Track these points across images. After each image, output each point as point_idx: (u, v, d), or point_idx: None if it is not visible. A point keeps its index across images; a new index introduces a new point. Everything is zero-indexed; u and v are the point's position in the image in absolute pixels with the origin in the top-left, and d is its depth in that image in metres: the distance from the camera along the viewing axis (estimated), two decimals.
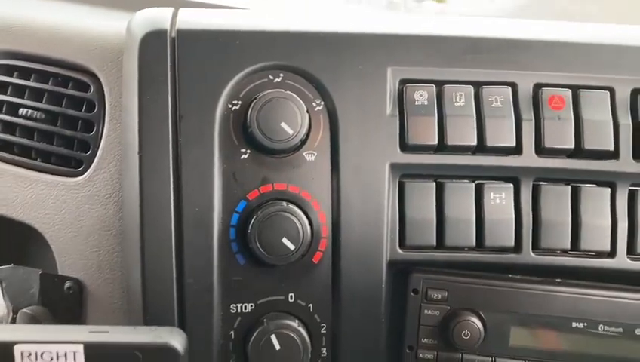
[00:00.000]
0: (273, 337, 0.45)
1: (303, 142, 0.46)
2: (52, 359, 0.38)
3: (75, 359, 0.38)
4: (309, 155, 0.47)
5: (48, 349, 0.38)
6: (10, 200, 0.52)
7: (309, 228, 0.45)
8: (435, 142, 0.47)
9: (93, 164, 0.51)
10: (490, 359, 0.49)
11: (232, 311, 0.46)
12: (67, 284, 0.50)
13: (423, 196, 0.47)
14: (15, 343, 0.38)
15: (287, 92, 0.45)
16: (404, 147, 0.47)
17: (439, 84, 0.47)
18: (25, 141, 0.53)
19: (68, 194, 0.51)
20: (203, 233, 0.45)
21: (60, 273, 0.51)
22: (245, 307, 0.46)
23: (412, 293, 0.49)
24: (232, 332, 0.46)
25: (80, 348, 0.38)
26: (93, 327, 0.40)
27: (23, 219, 0.52)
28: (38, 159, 0.53)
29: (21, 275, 0.51)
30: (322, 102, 0.47)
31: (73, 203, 0.51)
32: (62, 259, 0.51)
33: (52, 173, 0.52)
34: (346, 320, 0.47)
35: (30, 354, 0.38)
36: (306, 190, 0.46)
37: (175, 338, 0.40)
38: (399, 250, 0.47)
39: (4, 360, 0.38)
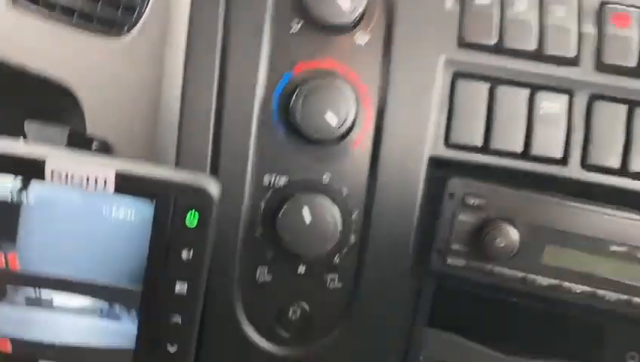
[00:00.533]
0: (305, 209, 0.43)
1: (357, 22, 0.45)
2: (82, 182, 0.37)
3: (105, 185, 0.37)
4: (361, 37, 0.45)
5: (79, 172, 0.37)
6: (48, 56, 0.51)
7: (354, 106, 0.44)
8: (493, 42, 0.45)
9: (137, 27, 0.49)
10: (521, 274, 0.47)
11: (264, 182, 0.45)
12: (95, 145, 0.49)
13: (474, 95, 0.45)
14: (47, 160, 0.37)
15: None
16: (462, 44, 0.45)
17: None
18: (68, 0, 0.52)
19: (107, 55, 0.50)
20: (245, 100, 0.44)
21: (88, 133, 0.50)
22: (279, 180, 0.45)
23: (448, 197, 0.47)
24: (263, 203, 0.45)
25: (112, 175, 0.37)
26: (127, 160, 0.38)
27: (59, 76, 0.50)
28: (81, 20, 0.51)
29: (49, 132, 0.49)
30: None
31: (112, 64, 0.49)
32: (92, 120, 0.50)
33: (93, 34, 0.50)
34: (379, 210, 0.45)
35: (61, 175, 0.37)
36: (354, 71, 0.45)
37: (212, 186, 0.38)
38: (443, 147, 0.46)
39: (36, 176, 0.37)
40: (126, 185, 0.37)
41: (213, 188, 0.38)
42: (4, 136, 0.39)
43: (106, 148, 0.50)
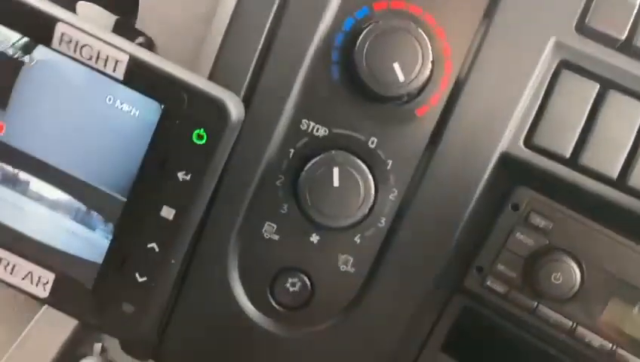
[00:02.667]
0: (336, 170, 0.36)
1: None
2: (91, 57, 0.32)
3: (114, 69, 0.31)
4: None
5: (91, 44, 0.31)
6: None
7: (429, 67, 0.36)
8: (622, 37, 0.36)
9: None
10: (570, 324, 0.38)
11: (301, 126, 0.38)
12: (139, 39, 0.44)
13: (578, 94, 0.37)
14: (59, 21, 0.31)
15: None
16: (581, 28, 0.37)
17: None
18: None
19: None
20: (305, 26, 0.37)
21: (136, 27, 0.45)
22: (318, 129, 0.38)
23: (510, 208, 0.39)
24: (292, 150, 0.38)
25: (125, 58, 0.31)
26: (151, 53, 0.33)
27: None
28: None
29: (96, 12, 0.45)
30: None
31: None
32: (144, 15, 0.44)
33: None
34: (423, 199, 0.38)
35: (70, 41, 0.31)
36: (442, 26, 0.37)
37: (233, 104, 0.32)
38: (521, 145, 0.37)
39: (44, 37, 0.32)
40: (137, 76, 0.31)
41: (234, 108, 0.32)
42: None
43: (149, 46, 0.44)
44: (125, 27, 0.45)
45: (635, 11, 0.36)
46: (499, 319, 0.40)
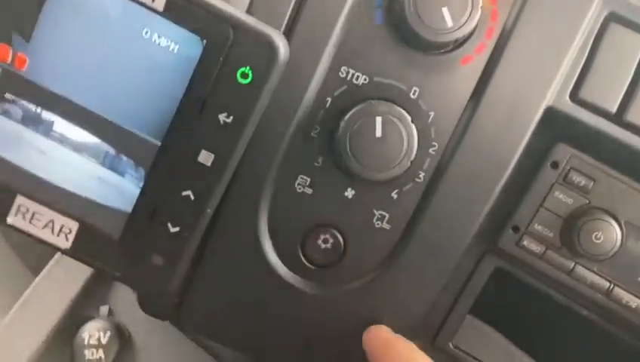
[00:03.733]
0: (379, 120, 0.34)
1: None
2: None
3: None
4: None
5: None
6: None
7: (478, 13, 0.34)
8: None
9: None
10: (609, 285, 0.38)
11: (340, 74, 0.36)
12: None
13: (625, 48, 0.36)
14: None
15: None
16: None
17: None
18: None
19: None
20: None
21: None
22: (357, 77, 0.36)
23: (550, 166, 0.38)
24: (330, 98, 0.36)
25: None
26: None
27: None
28: None
29: None
30: None
31: None
32: None
33: None
34: (464, 153, 0.36)
35: None
36: None
37: (281, 42, 0.30)
38: (567, 99, 0.36)
39: None
40: (179, 7, 0.29)
41: (283, 46, 0.30)
42: None
43: None
44: None
45: None
46: (532, 280, 0.40)
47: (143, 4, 0.29)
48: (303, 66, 0.35)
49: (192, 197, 0.31)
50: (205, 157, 0.31)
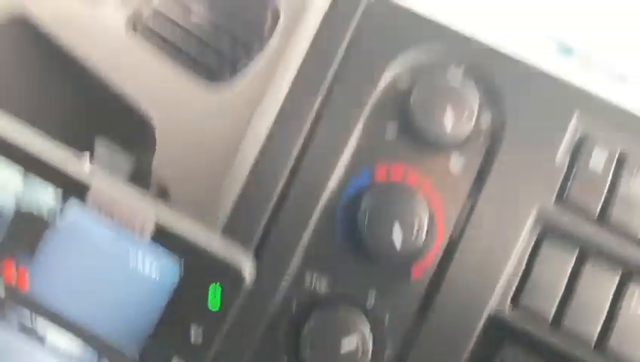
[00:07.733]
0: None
1: (459, 144, 0.42)
2: (118, 219, 0.34)
3: (142, 233, 0.34)
4: (456, 159, 0.42)
5: (120, 210, 0.35)
6: (142, 86, 0.51)
7: (424, 232, 0.40)
8: (596, 210, 0.41)
9: (238, 86, 0.48)
10: None
11: (306, 281, 0.41)
12: (153, 188, 0.47)
13: (558, 261, 0.40)
14: (91, 188, 0.35)
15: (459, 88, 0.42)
16: (560, 201, 0.41)
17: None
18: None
19: (201, 103, 0.48)
20: (315, 185, 0.42)
21: (152, 174, 0.48)
22: (320, 284, 0.41)
23: None
24: (295, 302, 0.41)
25: (151, 224, 0.34)
26: (171, 211, 0.36)
27: (146, 106, 0.50)
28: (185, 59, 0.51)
29: (116, 156, 0.49)
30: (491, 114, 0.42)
31: (202, 112, 0.48)
32: (161, 157, 0.48)
33: (195, 77, 0.50)
34: (417, 355, 0.40)
35: (101, 208, 0.35)
36: (439, 192, 0.41)
37: (247, 267, 0.35)
38: (509, 307, 0.40)
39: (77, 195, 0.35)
40: (161, 238, 0.35)
41: (248, 274, 0.35)
42: (71, 150, 0.37)
43: (163, 195, 0.48)
44: (142, 172, 0.48)
45: (607, 189, 0.41)
46: None
47: (130, 236, 0.34)
48: (273, 270, 0.40)
49: None
50: None
